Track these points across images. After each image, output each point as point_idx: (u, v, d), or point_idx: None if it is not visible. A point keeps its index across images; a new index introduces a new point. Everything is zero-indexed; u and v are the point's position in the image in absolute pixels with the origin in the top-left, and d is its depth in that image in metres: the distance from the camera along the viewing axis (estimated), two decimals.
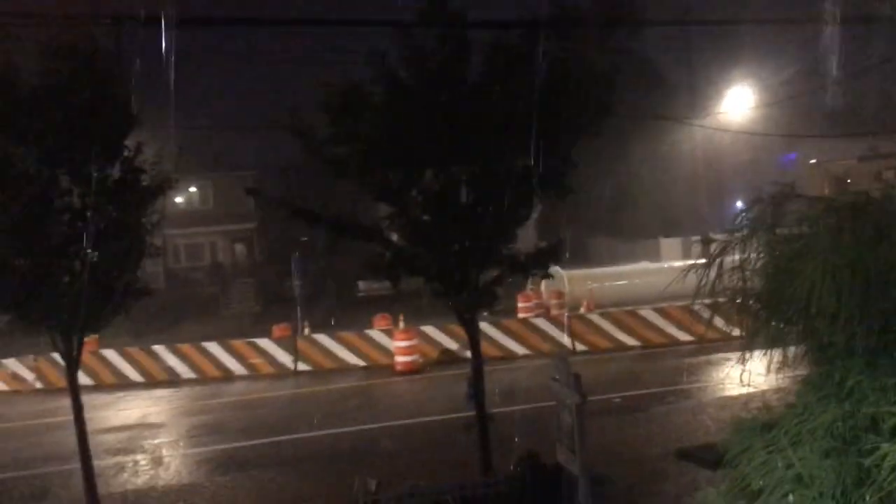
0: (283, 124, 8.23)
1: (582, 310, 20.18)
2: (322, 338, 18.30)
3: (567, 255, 9.30)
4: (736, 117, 26.70)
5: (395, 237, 8.94)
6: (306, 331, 19.17)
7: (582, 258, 26.00)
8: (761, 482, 2.23)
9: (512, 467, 8.01)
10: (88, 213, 7.48)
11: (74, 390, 8.01)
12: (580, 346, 17.63)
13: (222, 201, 38.27)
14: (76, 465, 8.42)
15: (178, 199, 40.04)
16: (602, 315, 18.48)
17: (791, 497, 2.10)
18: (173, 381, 17.92)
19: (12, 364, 18.48)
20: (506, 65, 7.97)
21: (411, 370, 16.68)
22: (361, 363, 17.81)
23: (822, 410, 2.21)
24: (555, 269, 20.87)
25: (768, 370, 2.94)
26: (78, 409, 8.00)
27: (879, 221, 2.29)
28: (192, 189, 40.42)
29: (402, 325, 18.04)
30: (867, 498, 2.03)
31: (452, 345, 17.49)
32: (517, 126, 7.73)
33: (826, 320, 2.25)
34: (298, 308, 21.47)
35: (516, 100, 7.73)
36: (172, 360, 18.29)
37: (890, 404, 2.14)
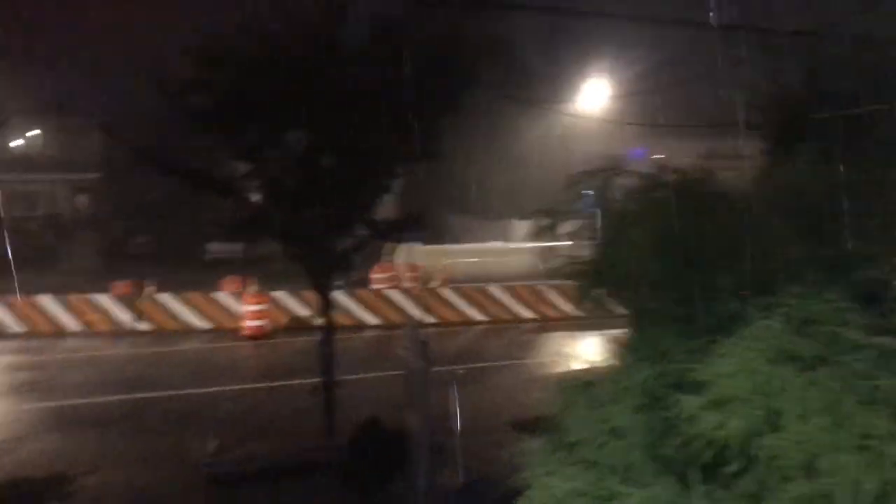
0: (140, 67, 7.81)
1: (434, 284, 20.50)
2: (165, 297, 17.58)
3: (426, 228, 9.42)
4: (593, 107, 27.80)
5: (252, 197, 8.73)
6: (149, 289, 18.31)
7: (439, 234, 26.33)
8: (580, 435, 2.41)
9: (353, 433, 8.07)
10: None
11: None
12: (431, 319, 17.93)
13: (66, 148, 35.76)
14: None
15: (14, 143, 37.13)
16: (453, 290, 18.87)
17: (605, 448, 2.29)
18: None
19: None
20: (379, 35, 7.95)
21: (260, 335, 16.37)
22: (207, 325, 17.29)
23: (637, 371, 2.41)
24: (413, 244, 21.19)
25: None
26: None
27: (698, 199, 2.51)
28: (31, 133, 37.58)
29: (252, 288, 17.61)
30: (671, 444, 2.24)
31: (304, 311, 17.30)
32: (385, 96, 7.72)
33: (647, 287, 2.45)
34: (141, 265, 20.50)
35: (385, 69, 7.72)
36: None
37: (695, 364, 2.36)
